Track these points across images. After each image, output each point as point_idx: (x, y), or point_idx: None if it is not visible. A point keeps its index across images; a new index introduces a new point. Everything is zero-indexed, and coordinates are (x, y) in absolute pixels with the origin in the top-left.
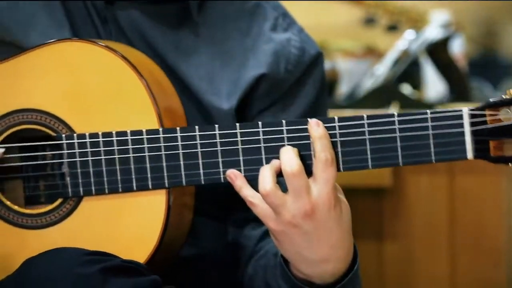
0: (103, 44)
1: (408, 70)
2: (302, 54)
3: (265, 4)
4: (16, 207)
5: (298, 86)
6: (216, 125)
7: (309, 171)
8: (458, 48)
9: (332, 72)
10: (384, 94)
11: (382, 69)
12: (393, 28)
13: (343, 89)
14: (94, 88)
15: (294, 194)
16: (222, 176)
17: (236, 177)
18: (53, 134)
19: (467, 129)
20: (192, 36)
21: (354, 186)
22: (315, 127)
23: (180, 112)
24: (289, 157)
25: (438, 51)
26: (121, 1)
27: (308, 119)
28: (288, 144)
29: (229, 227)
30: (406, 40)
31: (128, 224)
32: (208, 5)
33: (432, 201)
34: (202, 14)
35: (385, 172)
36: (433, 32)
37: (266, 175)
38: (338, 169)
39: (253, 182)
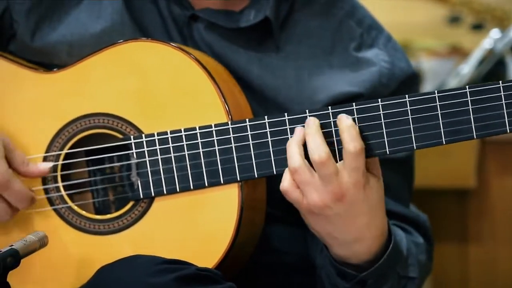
0: (175, 45)
1: (493, 70)
2: (392, 67)
3: (349, 20)
4: (87, 214)
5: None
6: (285, 114)
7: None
8: None
9: (416, 72)
10: None
11: (467, 69)
12: (478, 26)
13: (427, 89)
14: (163, 88)
15: (324, 180)
16: None
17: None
18: (120, 136)
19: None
20: (274, 55)
21: (438, 188)
22: (344, 119)
23: (248, 110)
24: (316, 144)
25: None
26: (204, 19)
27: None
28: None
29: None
30: (492, 39)
31: (202, 221)
32: (290, 23)
33: None
34: (284, 32)
35: (469, 173)
36: None
37: (293, 151)
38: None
39: None
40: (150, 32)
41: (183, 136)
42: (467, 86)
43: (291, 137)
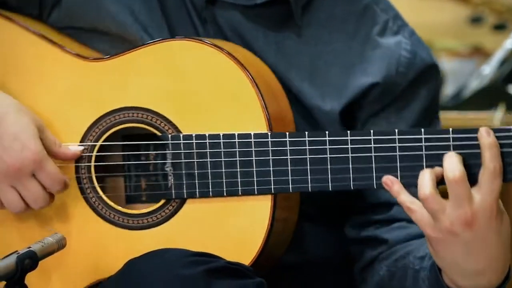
0: (210, 43)
1: None
2: (413, 57)
3: (375, 7)
4: (118, 207)
5: (412, 89)
6: (326, 132)
7: (470, 180)
8: None
9: None
10: (490, 95)
11: (488, 69)
12: (500, 27)
13: (448, 89)
14: (202, 87)
15: (455, 201)
16: (330, 184)
17: (393, 183)
18: (158, 133)
19: None
20: (294, 37)
21: None
22: (485, 135)
23: (290, 116)
24: (452, 163)
25: None
26: (223, 1)
27: (480, 127)
28: (400, 155)
29: (344, 232)
30: None
31: (231, 229)
32: (314, 6)
33: None
34: (306, 15)
35: None
36: None
37: (426, 179)
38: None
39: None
40: (174, 16)
41: (221, 143)
42: None
43: (330, 156)
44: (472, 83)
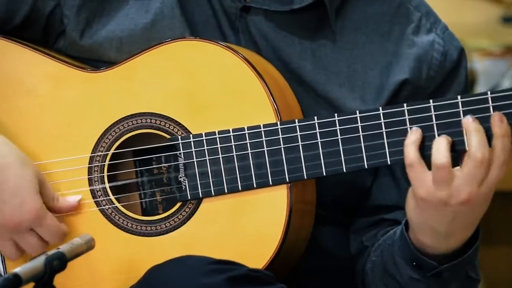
0: (214, 41)
1: None
2: (444, 59)
3: (407, 4)
4: (133, 215)
5: (438, 94)
6: (336, 114)
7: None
8: None
9: (469, 72)
10: None
11: None
12: None
13: (480, 89)
14: (211, 87)
15: (467, 179)
16: (344, 166)
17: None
18: (167, 136)
19: None
20: (329, 44)
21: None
22: (499, 124)
23: (298, 110)
24: (480, 143)
25: None
26: (257, 9)
27: (494, 113)
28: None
29: (350, 237)
30: None
31: (250, 222)
32: (347, 9)
33: None
34: (340, 19)
35: None
36: None
37: (443, 146)
38: None
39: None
40: (200, 27)
41: (232, 137)
42: None
43: (341, 138)
44: (505, 83)
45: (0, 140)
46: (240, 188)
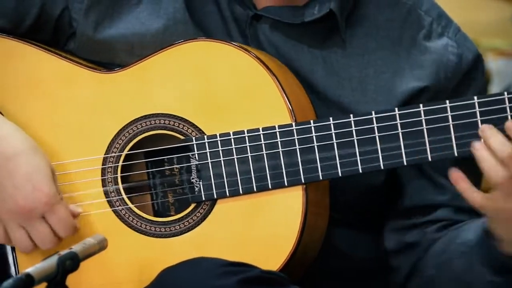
0: (236, 44)
1: None
2: (459, 61)
3: (418, 9)
4: (147, 216)
5: (457, 94)
6: (351, 114)
7: None
8: None
9: None
10: None
11: None
12: None
13: (493, 89)
14: (225, 88)
15: None
16: (360, 166)
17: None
18: (181, 137)
19: None
20: (339, 51)
21: None
22: None
23: (311, 112)
24: None
25: None
26: (267, 18)
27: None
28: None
29: (384, 240)
30: None
31: (265, 223)
32: (357, 17)
33: None
34: (350, 27)
35: None
36: None
37: (500, 138)
38: None
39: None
40: (211, 33)
41: (246, 138)
42: None
43: (357, 139)
44: None
45: (12, 128)
46: (255, 189)
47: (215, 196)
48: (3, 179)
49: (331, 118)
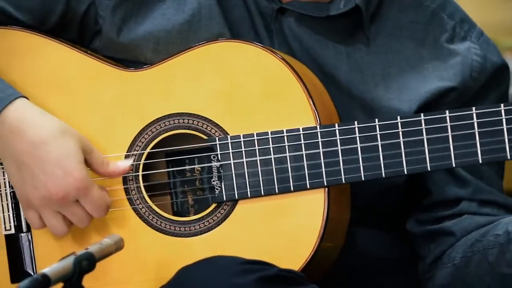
0: (262, 46)
1: None
2: (484, 61)
3: (441, 13)
4: (168, 215)
5: (482, 94)
6: (376, 119)
7: None
8: None
9: None
10: None
11: None
12: None
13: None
14: (250, 89)
15: None
16: (383, 171)
17: None
18: (204, 137)
19: None
20: (364, 48)
21: None
22: None
23: (335, 115)
24: None
25: None
26: (293, 11)
27: None
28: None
29: (407, 228)
30: None
31: (286, 225)
32: (382, 15)
33: None
34: (374, 25)
35: None
36: None
37: None
38: None
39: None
40: (237, 27)
41: (270, 139)
42: None
43: (381, 143)
44: None
45: (38, 111)
46: (277, 191)
47: (237, 197)
48: (34, 167)
49: (355, 122)
